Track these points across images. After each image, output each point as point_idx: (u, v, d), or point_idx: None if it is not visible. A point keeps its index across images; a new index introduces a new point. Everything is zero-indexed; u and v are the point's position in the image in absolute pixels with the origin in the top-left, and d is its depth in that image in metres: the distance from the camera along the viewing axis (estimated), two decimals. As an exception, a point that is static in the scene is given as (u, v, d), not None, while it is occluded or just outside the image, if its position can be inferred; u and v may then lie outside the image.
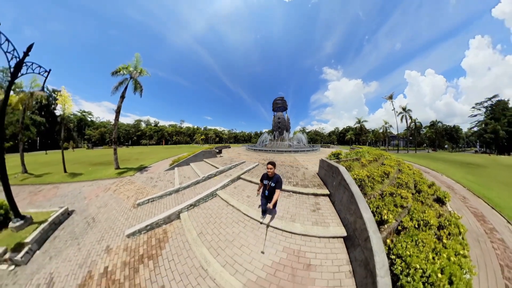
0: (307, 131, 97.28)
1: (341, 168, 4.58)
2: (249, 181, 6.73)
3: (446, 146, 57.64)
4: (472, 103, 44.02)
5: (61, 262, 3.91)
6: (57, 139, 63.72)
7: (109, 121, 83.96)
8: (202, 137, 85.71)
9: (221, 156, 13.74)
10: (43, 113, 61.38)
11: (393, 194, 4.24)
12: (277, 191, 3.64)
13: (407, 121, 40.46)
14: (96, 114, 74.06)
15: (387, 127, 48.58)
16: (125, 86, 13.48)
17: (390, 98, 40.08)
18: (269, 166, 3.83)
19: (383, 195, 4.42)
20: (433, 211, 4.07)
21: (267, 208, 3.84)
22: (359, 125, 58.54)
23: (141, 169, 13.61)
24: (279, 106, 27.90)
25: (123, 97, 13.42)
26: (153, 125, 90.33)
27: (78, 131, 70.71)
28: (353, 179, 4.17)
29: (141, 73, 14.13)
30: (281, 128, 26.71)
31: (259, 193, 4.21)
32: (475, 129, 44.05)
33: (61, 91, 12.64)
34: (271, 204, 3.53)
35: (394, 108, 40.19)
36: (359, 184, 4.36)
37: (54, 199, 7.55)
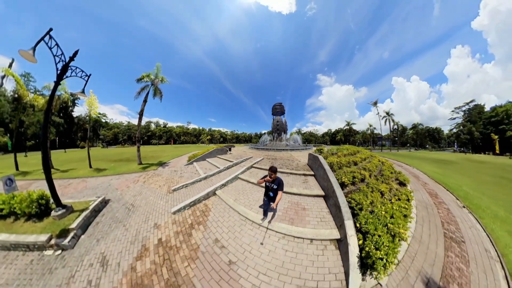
0: (302, 132, 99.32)
1: (319, 157, 6.27)
2: (260, 168, 8.43)
3: (428, 146, 59.25)
4: (452, 107, 46.21)
5: (110, 243, 4.01)
6: (74, 138, 64.79)
7: (121, 122, 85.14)
8: (208, 137, 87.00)
9: (230, 153, 15.08)
10: (61, 114, 62.36)
11: (354, 172, 5.53)
12: (280, 193, 3.62)
13: (390, 124, 42.45)
14: (109, 116, 75.38)
15: (372, 129, 50.22)
16: (147, 91, 14.56)
17: (375, 104, 41.99)
18: (270, 173, 3.63)
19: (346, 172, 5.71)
20: (387, 185, 5.25)
21: (268, 208, 3.93)
22: (348, 127, 60.42)
23: (161, 164, 14.44)
24: (278, 110, 29.58)
25: (145, 101, 14.56)
26: (162, 126, 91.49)
27: (94, 132, 71.59)
28: (327, 163, 5.70)
29: (162, 81, 15.26)
30: (279, 130, 28.21)
31: (260, 181, 3.91)
32: (454, 130, 45.89)
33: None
34: (274, 204, 3.46)
35: (379, 112, 42.09)
36: (330, 166, 5.82)
37: (85, 191, 7.50)
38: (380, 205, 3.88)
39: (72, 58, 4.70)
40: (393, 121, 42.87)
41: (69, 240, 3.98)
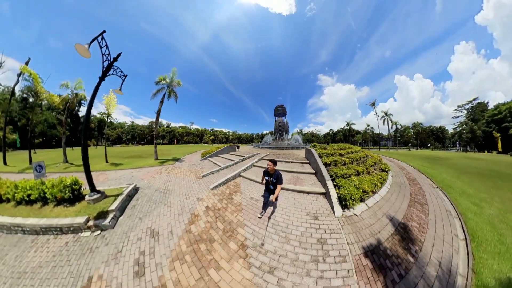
0: (304, 132, 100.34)
1: (312, 149, 8.30)
2: (267, 159, 10.25)
3: (429, 145, 59.31)
4: (457, 105, 46.26)
5: (155, 218, 4.39)
6: (80, 137, 66.89)
7: (125, 122, 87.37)
8: (212, 137, 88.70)
9: (239, 151, 16.86)
10: (67, 113, 64.49)
11: (336, 159, 7.35)
12: (279, 186, 3.73)
13: (388, 124, 43.85)
14: (113, 116, 77.81)
15: (370, 129, 50.88)
16: (164, 93, 15.95)
17: (373, 104, 43.21)
18: (269, 163, 3.92)
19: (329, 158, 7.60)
20: (365, 168, 6.97)
21: (269, 201, 4.03)
22: (348, 127, 61.68)
23: (176, 160, 15.38)
24: (280, 112, 31.27)
25: (162, 102, 16.07)
26: (165, 126, 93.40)
27: (98, 131, 73.76)
28: (317, 153, 7.70)
29: (178, 84, 16.64)
30: (281, 130, 29.84)
31: (263, 182, 4.25)
32: (458, 129, 45.81)
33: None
34: (274, 197, 3.61)
35: (376, 112, 43.30)
36: (319, 155, 7.75)
37: (108, 182, 7.83)
38: (353, 177, 5.59)
39: (115, 59, 5.16)
40: (391, 121, 44.47)
41: (109, 220, 4.14)
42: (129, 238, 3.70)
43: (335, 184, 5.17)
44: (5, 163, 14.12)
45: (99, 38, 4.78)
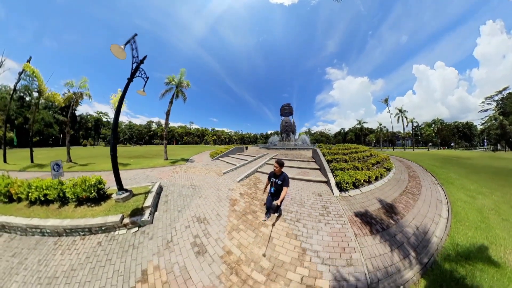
0: (312, 132, 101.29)
1: (317, 149, 10.13)
2: (277, 158, 12.33)
3: (452, 144, 55.98)
4: (485, 96, 41.11)
5: (196, 208, 5.07)
6: (76, 136, 70.02)
7: (122, 122, 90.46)
8: (214, 138, 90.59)
9: (247, 151, 18.88)
10: (64, 113, 67.80)
11: (337, 157, 9.06)
12: (285, 189, 3.68)
13: (403, 122, 43.52)
14: (110, 115, 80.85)
15: (382, 127, 51.68)
16: (173, 93, 17.50)
17: (386, 101, 43.45)
18: (276, 165, 3.90)
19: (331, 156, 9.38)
20: (364, 165, 8.48)
21: (272, 206, 3.79)
22: (359, 125, 61.95)
23: (185, 160, 16.54)
24: (286, 111, 32.63)
25: (171, 102, 17.74)
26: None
27: (95, 131, 76.79)
28: (322, 152, 9.50)
29: (188, 86, 18.44)
30: (288, 131, 31.25)
31: (266, 191, 4.28)
32: (486, 125, 41.04)
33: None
34: (278, 200, 3.54)
35: (390, 110, 43.64)
36: (323, 154, 9.57)
37: (123, 181, 8.98)
38: (351, 171, 7.26)
39: (142, 61, 5.63)
40: (406, 118, 43.80)
41: (147, 216, 4.43)
42: (176, 228, 4.17)
43: (334, 175, 7.08)
44: (5, 161, 15.36)
45: (132, 41, 5.30)
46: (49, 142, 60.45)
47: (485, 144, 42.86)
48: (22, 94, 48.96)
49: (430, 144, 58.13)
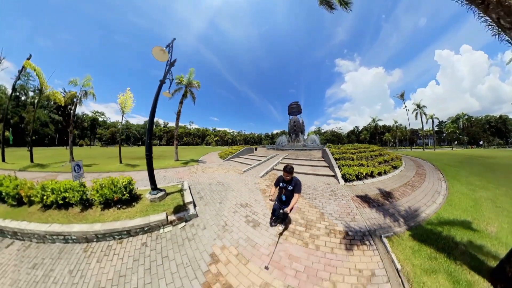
0: (322, 131, 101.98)
1: (327, 149, 12.05)
2: (290, 158, 14.09)
3: (481, 142, 53.51)
4: None
5: (234, 199, 6.42)
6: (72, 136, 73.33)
7: (118, 122, 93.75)
8: (216, 138, 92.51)
9: (256, 152, 20.71)
10: (59, 112, 71.02)
11: (344, 156, 10.85)
12: (296, 195, 3.67)
13: (422, 119, 43.31)
14: (106, 114, 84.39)
15: (398, 125, 51.79)
16: (182, 93, 19.18)
17: (402, 96, 43.61)
18: (285, 174, 3.81)
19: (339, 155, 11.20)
20: (369, 162, 10.06)
21: (280, 215, 3.73)
22: (373, 123, 61.71)
23: (196, 161, 18.08)
24: (294, 110, 33.75)
25: (181, 102, 19.39)
26: (162, 126, 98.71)
27: (91, 130, 79.86)
28: (330, 152, 11.30)
29: (198, 86, 19.93)
30: (296, 130, 32.29)
31: (273, 197, 4.15)
32: None
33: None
34: (288, 208, 3.54)
35: (406, 106, 43.80)
36: (332, 153, 11.38)
37: (140, 182, 8.61)
38: (355, 167, 8.99)
39: (172, 64, 6.22)
40: (425, 114, 43.50)
41: (193, 211, 4.95)
42: (225, 215, 5.02)
43: (340, 169, 9.14)
44: (3, 160, 16.35)
45: (171, 44, 6.00)
46: (45, 141, 63.70)
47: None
48: (18, 93, 52.13)
49: (455, 142, 56.15)
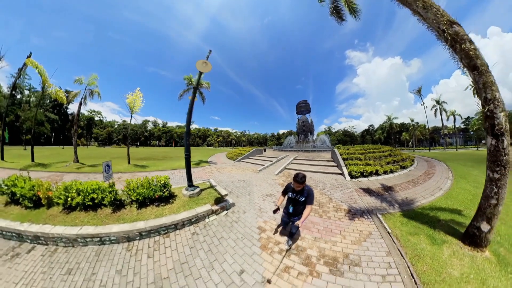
0: (333, 131, 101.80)
1: (335, 150, 14.09)
2: (300, 159, 15.92)
3: None
4: None
5: (258, 191, 8.21)
6: (68, 136, 76.18)
7: (114, 121, 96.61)
8: (219, 139, 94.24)
9: (265, 154, 22.46)
10: (55, 111, 73.92)
11: (351, 156, 12.55)
12: (309, 207, 3.61)
13: (441, 115, 43.61)
14: (102, 114, 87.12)
15: (413, 124, 52.25)
16: (192, 94, 20.02)
17: (419, 92, 43.56)
18: (296, 184, 3.69)
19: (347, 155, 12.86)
20: (376, 162, 11.62)
21: (292, 230, 3.80)
22: (388, 122, 61.57)
23: (206, 162, 19.77)
24: (303, 109, 34.90)
25: (192, 103, 20.21)
26: (161, 126, 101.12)
27: (87, 130, 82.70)
28: (339, 152, 13.27)
29: (208, 87, 21.72)
30: (305, 131, 33.43)
31: (280, 206, 4.04)
32: None
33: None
34: (300, 221, 3.49)
35: (424, 103, 43.64)
36: (340, 154, 13.18)
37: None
38: (363, 165, 10.78)
39: (201, 73, 7.21)
40: (446, 111, 43.45)
41: (231, 201, 6.34)
42: (256, 202, 6.84)
43: (347, 167, 10.90)
44: (2, 158, 17.28)
45: (209, 56, 6.72)
46: (41, 140, 66.62)
47: None
48: (13, 92, 54.94)
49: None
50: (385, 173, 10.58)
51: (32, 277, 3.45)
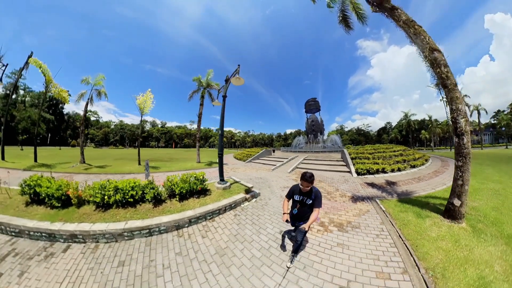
0: (346, 130, 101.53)
1: (345, 150, 16.07)
2: (310, 159, 18.01)
3: None
4: None
5: (277, 184, 10.48)
6: (63, 136, 79.43)
7: (111, 121, 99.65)
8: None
9: (274, 155, 24.53)
10: (50, 111, 77.05)
11: (359, 155, 14.45)
12: (316, 210, 3.65)
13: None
14: (99, 114, 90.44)
15: (432, 120, 52.03)
16: (201, 95, 22.25)
17: (437, 86, 43.90)
18: (304, 184, 3.67)
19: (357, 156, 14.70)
20: (387, 162, 13.34)
21: (297, 236, 3.76)
22: (405, 120, 60.71)
23: (216, 163, 21.19)
24: (312, 107, 35.93)
25: (201, 104, 22.47)
26: (159, 126, 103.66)
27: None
28: (348, 152, 15.22)
29: (218, 88, 22.52)
30: (315, 130, 34.32)
31: (286, 211, 3.96)
32: None
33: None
34: (306, 224, 3.53)
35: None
36: (349, 154, 15.10)
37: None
38: (371, 163, 12.50)
39: (228, 80, 8.66)
40: (468, 106, 42.48)
41: (257, 191, 8.41)
42: (277, 192, 8.96)
43: (354, 166, 12.61)
44: (3, 159, 18.37)
45: (238, 69, 7.93)
46: (37, 141, 69.51)
47: None
48: (8, 92, 58.03)
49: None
50: (392, 171, 12.12)
51: (79, 274, 3.64)
